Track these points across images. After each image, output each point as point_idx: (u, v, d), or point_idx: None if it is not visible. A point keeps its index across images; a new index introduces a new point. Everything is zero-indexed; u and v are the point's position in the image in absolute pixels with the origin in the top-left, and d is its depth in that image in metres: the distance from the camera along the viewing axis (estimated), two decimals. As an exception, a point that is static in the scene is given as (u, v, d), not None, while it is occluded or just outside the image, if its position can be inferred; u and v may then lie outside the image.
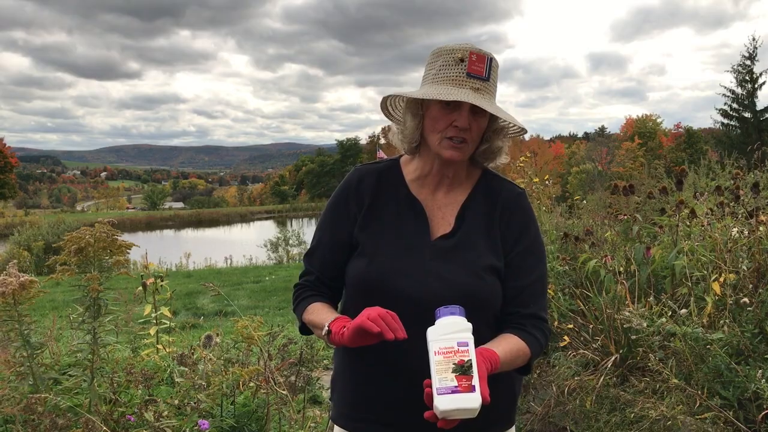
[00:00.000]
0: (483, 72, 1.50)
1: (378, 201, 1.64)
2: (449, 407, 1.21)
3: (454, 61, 1.50)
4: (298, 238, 22.52)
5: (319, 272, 1.68)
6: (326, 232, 1.69)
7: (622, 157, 52.30)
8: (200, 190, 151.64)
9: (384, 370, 1.54)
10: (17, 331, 2.60)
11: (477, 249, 1.56)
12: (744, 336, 3.09)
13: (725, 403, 2.94)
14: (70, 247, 2.59)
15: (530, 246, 1.61)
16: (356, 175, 1.69)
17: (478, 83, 1.49)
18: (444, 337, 1.27)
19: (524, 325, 1.55)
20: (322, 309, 1.58)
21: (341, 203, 1.67)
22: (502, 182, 1.67)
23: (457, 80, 1.49)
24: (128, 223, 50.17)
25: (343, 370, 1.66)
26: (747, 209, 3.82)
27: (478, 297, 1.51)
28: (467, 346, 1.26)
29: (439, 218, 1.61)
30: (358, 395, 1.61)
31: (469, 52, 1.49)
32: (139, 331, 4.35)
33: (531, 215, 1.65)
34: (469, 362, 1.24)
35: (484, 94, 1.49)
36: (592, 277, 4.05)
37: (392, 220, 1.61)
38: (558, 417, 3.47)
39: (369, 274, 1.55)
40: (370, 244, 1.59)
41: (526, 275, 1.58)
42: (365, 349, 1.48)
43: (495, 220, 1.60)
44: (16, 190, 67.08)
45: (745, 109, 37.04)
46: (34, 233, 21.14)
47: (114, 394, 2.70)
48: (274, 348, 3.48)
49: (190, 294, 9.83)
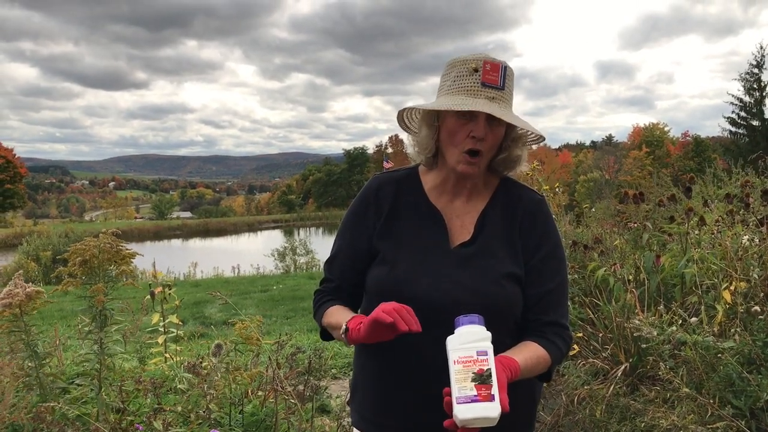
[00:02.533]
0: (498, 81, 1.50)
1: (397, 209, 1.64)
2: (469, 416, 1.22)
3: (468, 72, 1.50)
4: (306, 247, 22.54)
5: (339, 280, 1.69)
6: (346, 240, 1.70)
7: (629, 165, 52.20)
8: (208, 200, 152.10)
9: (404, 374, 1.54)
10: (24, 342, 2.61)
11: (496, 256, 1.56)
12: (755, 345, 3.06)
13: (737, 413, 2.91)
14: (74, 259, 2.60)
15: (551, 252, 1.60)
16: (375, 183, 1.70)
17: (493, 92, 1.49)
18: (463, 347, 1.28)
19: (545, 333, 1.54)
20: (340, 311, 1.60)
21: (360, 211, 1.68)
22: (522, 189, 1.67)
23: (472, 90, 1.49)
24: (136, 232, 50.33)
25: (363, 375, 1.67)
26: (757, 217, 3.80)
27: (497, 304, 1.51)
28: (486, 356, 1.26)
29: (458, 226, 1.61)
30: (378, 400, 1.61)
31: (483, 62, 1.49)
32: (147, 340, 4.36)
33: (551, 222, 1.64)
34: (488, 371, 1.25)
35: (499, 102, 1.50)
36: (602, 286, 4.03)
37: (411, 228, 1.61)
38: (568, 426, 3.44)
39: (389, 281, 1.56)
40: (390, 252, 1.59)
41: (546, 282, 1.57)
42: (385, 354, 1.51)
43: (515, 227, 1.60)
44: (25, 200, 67.45)
45: (753, 117, 36.94)
46: (42, 243, 21.24)
47: (122, 403, 2.70)
48: (282, 357, 3.48)
49: (197, 303, 9.84)
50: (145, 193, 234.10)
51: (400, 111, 1.64)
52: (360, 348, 1.67)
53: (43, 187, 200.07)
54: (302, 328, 7.61)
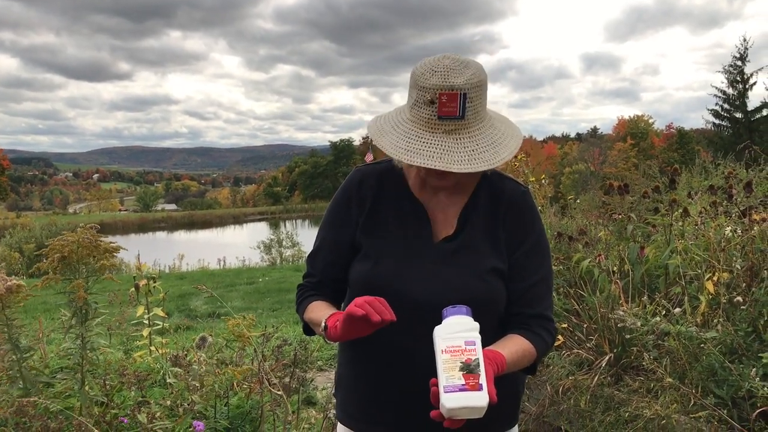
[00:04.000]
0: (456, 111, 1.39)
1: (380, 203, 1.62)
2: (456, 405, 1.20)
3: (425, 102, 1.40)
4: (291, 239, 22.51)
5: (322, 274, 1.67)
6: (328, 233, 1.67)
7: (614, 157, 52.52)
8: (193, 192, 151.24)
9: (389, 370, 1.53)
10: (6, 336, 2.58)
11: (480, 251, 1.54)
12: (737, 335, 3.09)
13: (719, 402, 2.95)
14: (53, 255, 2.55)
15: (535, 245, 1.58)
16: (357, 176, 1.67)
17: (452, 124, 1.40)
18: (451, 336, 1.27)
19: (530, 325, 1.53)
20: (321, 306, 1.58)
21: (342, 205, 1.66)
22: (506, 181, 1.63)
23: (429, 123, 1.41)
24: (120, 225, 50.03)
25: (348, 370, 1.66)
26: (740, 208, 3.83)
27: (481, 300, 1.49)
28: (474, 345, 1.26)
29: (441, 219, 1.58)
30: (363, 395, 1.61)
31: (439, 94, 1.38)
32: (132, 332, 4.33)
33: (535, 214, 1.62)
34: (476, 361, 1.24)
35: (460, 132, 1.41)
36: (586, 277, 4.05)
37: (395, 222, 1.59)
38: (552, 417, 3.46)
39: (373, 277, 1.54)
40: (373, 247, 1.57)
41: (530, 275, 1.56)
42: (369, 350, 1.50)
43: (498, 221, 1.57)
44: (7, 192, 66.75)
45: (736, 110, 37.23)
46: (26, 235, 21.07)
47: (106, 397, 2.68)
48: (268, 349, 3.47)
49: (183, 296, 9.80)
50: (129, 186, 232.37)
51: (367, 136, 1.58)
52: (345, 343, 1.64)
53: (26, 179, 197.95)
54: (288, 320, 7.60)
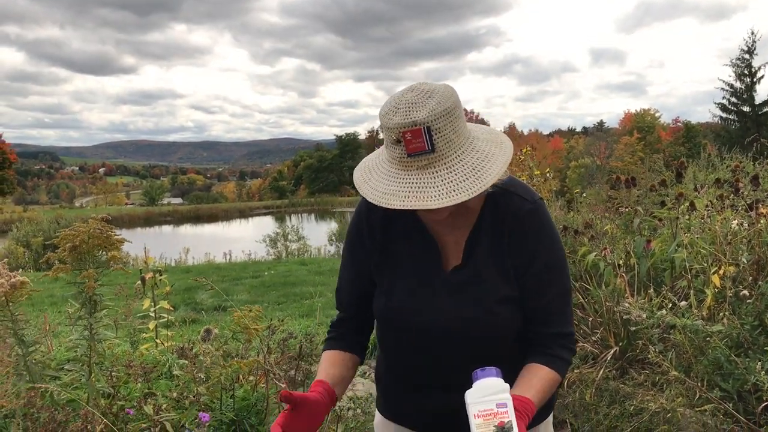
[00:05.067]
0: (424, 146, 1.32)
1: (389, 232, 1.61)
2: None
3: (392, 142, 1.36)
4: (297, 233, 22.54)
5: (347, 309, 1.71)
6: (348, 268, 1.70)
7: (620, 151, 52.33)
8: (199, 186, 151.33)
9: (418, 387, 1.61)
10: (11, 331, 2.60)
11: (488, 281, 1.52)
12: (743, 328, 3.08)
13: (725, 395, 2.95)
14: (64, 245, 2.58)
15: (546, 264, 1.53)
16: (365, 205, 1.63)
17: (425, 159, 1.33)
18: (483, 400, 1.29)
19: (549, 347, 1.52)
20: (322, 364, 1.62)
21: (356, 238, 1.67)
22: (511, 199, 1.53)
23: (402, 162, 1.36)
24: (127, 218, 50.16)
25: (384, 373, 1.74)
26: (747, 202, 3.82)
27: (491, 331, 1.50)
28: (506, 407, 1.28)
29: (451, 244, 1.56)
30: (400, 400, 1.68)
31: (402, 132, 1.33)
32: (138, 325, 4.35)
33: (545, 230, 1.54)
34: (509, 423, 1.26)
35: (435, 166, 1.34)
36: (592, 271, 4.05)
37: (405, 251, 1.59)
38: (558, 410, 3.47)
39: (387, 312, 1.58)
40: (386, 282, 1.60)
41: (544, 295, 1.52)
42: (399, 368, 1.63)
43: (504, 246, 1.52)
44: (14, 186, 67.00)
45: (743, 103, 37.06)
46: (33, 229, 21.14)
47: (113, 389, 2.69)
48: (273, 342, 3.48)
49: (189, 289, 9.82)
50: (135, 179, 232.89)
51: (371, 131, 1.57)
52: (381, 352, 1.72)
53: (32, 173, 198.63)
54: (294, 313, 7.62)
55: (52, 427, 2.29)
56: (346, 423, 3.34)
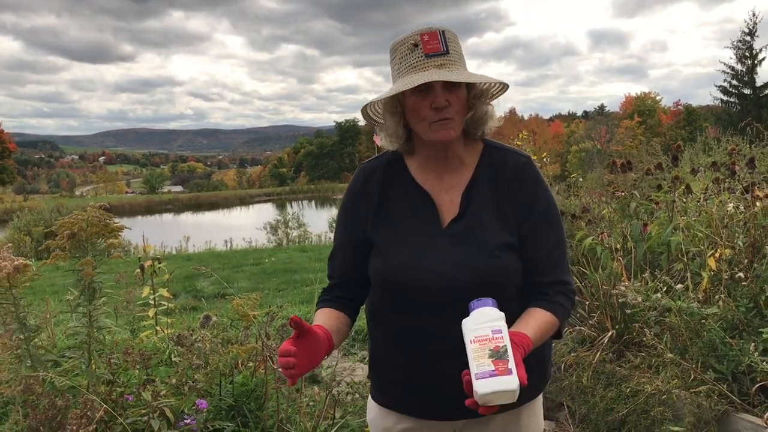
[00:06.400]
0: (440, 47, 1.50)
1: (386, 197, 1.65)
2: (489, 390, 1.26)
3: (409, 49, 1.51)
4: (298, 220, 22.56)
5: (340, 276, 1.73)
6: (341, 235, 1.73)
7: (621, 135, 52.24)
8: (199, 174, 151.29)
9: (420, 357, 1.58)
10: (13, 315, 2.62)
11: (488, 228, 1.56)
12: (738, 310, 3.10)
13: (719, 377, 2.97)
14: (63, 233, 2.60)
15: (543, 214, 1.60)
16: (362, 174, 1.71)
17: (440, 59, 1.49)
18: (478, 327, 1.33)
19: (547, 294, 1.56)
20: (317, 317, 1.64)
21: (351, 205, 1.70)
22: (506, 153, 1.64)
23: (419, 65, 1.49)
24: (127, 207, 50.20)
25: (379, 352, 1.71)
26: (743, 184, 3.82)
27: (495, 277, 1.52)
28: (501, 333, 1.31)
29: (447, 202, 1.61)
30: (396, 380, 1.66)
31: (420, 35, 1.50)
32: (138, 313, 4.38)
33: (539, 182, 1.63)
34: (504, 347, 1.29)
35: (449, 67, 1.49)
36: (589, 255, 4.06)
37: (403, 213, 1.62)
38: (555, 393, 3.50)
39: (387, 271, 1.58)
40: (384, 241, 1.61)
41: (542, 244, 1.58)
42: (399, 337, 1.59)
43: (503, 194, 1.59)
44: (14, 175, 67.03)
45: (744, 86, 36.93)
46: (34, 218, 21.14)
47: (113, 375, 2.72)
48: (272, 328, 3.50)
49: (189, 277, 9.85)
50: (135, 168, 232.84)
51: (363, 108, 1.64)
52: (375, 325, 1.71)
53: (32, 162, 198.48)
54: (294, 300, 7.64)
55: (52, 413, 2.32)
56: (345, 407, 3.37)
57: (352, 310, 1.72)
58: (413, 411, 1.65)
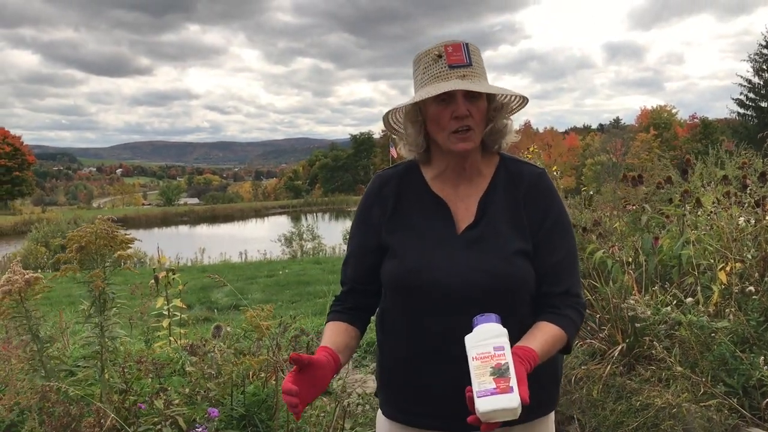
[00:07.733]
0: (463, 59, 1.54)
1: (401, 204, 1.67)
2: (489, 408, 1.26)
3: (433, 60, 1.55)
4: (312, 232, 22.62)
5: (353, 282, 1.73)
6: (355, 241, 1.74)
7: (637, 148, 51.96)
8: (215, 186, 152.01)
9: (431, 363, 1.58)
10: (26, 327, 2.67)
11: (502, 235, 1.58)
12: (749, 324, 3.10)
13: (730, 391, 2.96)
14: (72, 246, 2.65)
15: (556, 223, 1.62)
16: (377, 182, 1.73)
17: (463, 71, 1.53)
18: (480, 343, 1.33)
19: (557, 307, 1.57)
20: (326, 332, 1.66)
21: (365, 213, 1.72)
22: (521, 165, 1.69)
23: (442, 75, 1.53)
24: (144, 219, 50.59)
25: (389, 363, 1.70)
26: (754, 198, 3.82)
27: (510, 281, 1.54)
28: (503, 350, 1.31)
29: (462, 210, 1.63)
30: (408, 389, 1.65)
31: (444, 46, 1.55)
32: (153, 323, 4.43)
33: (553, 193, 1.67)
34: (505, 365, 1.30)
35: (471, 78, 1.53)
36: (600, 268, 4.06)
37: (418, 219, 1.64)
38: (565, 406, 3.49)
39: (401, 273, 1.59)
40: (399, 245, 1.62)
41: (554, 253, 1.60)
42: (411, 344, 1.59)
43: (519, 204, 1.62)
44: (33, 187, 67.77)
45: (761, 99, 36.68)
46: (52, 230, 21.38)
47: (126, 384, 2.76)
48: (285, 339, 3.53)
49: (204, 288, 9.92)
50: (152, 180, 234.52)
51: (385, 116, 1.67)
52: (385, 333, 1.71)
53: (50, 174, 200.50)
54: (307, 311, 7.68)
55: (67, 421, 2.36)
56: (355, 419, 3.39)
57: (363, 321, 1.73)
58: (424, 423, 1.64)
